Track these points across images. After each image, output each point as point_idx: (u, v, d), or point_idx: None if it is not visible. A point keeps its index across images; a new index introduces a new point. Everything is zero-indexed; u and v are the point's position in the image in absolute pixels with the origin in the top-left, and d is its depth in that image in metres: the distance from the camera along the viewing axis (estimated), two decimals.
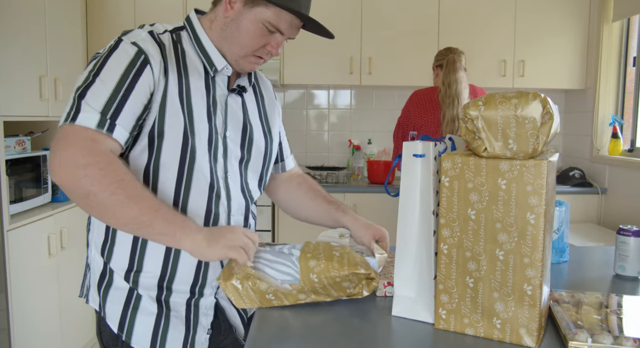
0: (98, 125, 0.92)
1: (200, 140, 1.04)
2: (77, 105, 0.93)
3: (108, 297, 1.07)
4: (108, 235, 1.06)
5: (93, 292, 1.09)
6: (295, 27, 1.08)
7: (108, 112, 0.93)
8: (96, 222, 1.08)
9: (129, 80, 0.96)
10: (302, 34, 1.13)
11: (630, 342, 0.80)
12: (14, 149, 2.35)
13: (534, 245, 0.81)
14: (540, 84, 3.27)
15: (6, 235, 2.07)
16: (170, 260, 1.06)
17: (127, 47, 0.98)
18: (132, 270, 1.05)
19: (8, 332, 2.07)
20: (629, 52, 3.12)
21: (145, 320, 1.06)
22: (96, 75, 0.95)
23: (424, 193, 0.92)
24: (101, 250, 1.07)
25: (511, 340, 0.84)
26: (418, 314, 0.94)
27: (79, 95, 0.94)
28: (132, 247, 1.05)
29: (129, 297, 1.06)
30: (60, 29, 2.57)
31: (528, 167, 0.81)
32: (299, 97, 3.63)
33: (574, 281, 1.21)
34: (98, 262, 1.08)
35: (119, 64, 0.96)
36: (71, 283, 2.60)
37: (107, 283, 1.07)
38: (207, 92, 1.08)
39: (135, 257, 1.05)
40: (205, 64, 1.08)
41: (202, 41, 1.08)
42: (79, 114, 0.92)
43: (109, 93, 0.94)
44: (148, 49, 0.99)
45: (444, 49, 2.68)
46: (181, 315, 1.09)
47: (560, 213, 1.32)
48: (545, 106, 0.80)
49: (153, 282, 1.06)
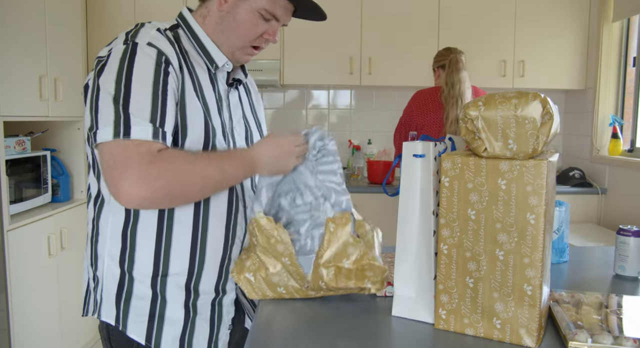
0: (154, 137, 0.91)
1: (217, 135, 1.05)
2: (124, 118, 0.89)
3: (130, 309, 1.04)
4: (126, 243, 1.03)
5: (108, 306, 1.05)
6: (289, 11, 1.10)
7: (156, 121, 0.92)
8: (108, 232, 1.04)
9: (162, 84, 0.95)
10: (302, 34, 1.14)
11: (630, 342, 0.80)
12: (14, 149, 2.35)
13: (534, 245, 0.81)
14: (540, 84, 3.28)
15: (6, 235, 2.07)
16: (196, 256, 1.04)
17: (147, 50, 0.96)
18: (158, 274, 1.03)
19: (8, 332, 2.07)
20: (629, 52, 3.12)
21: (172, 329, 1.05)
22: (129, 86, 0.92)
23: (424, 194, 0.92)
24: (119, 259, 1.03)
25: (511, 341, 0.84)
26: (418, 314, 0.94)
27: (123, 106, 0.90)
28: (156, 250, 1.02)
29: (153, 306, 1.04)
30: (60, 29, 2.57)
31: (528, 167, 0.81)
32: (299, 97, 3.63)
33: (574, 281, 1.21)
34: (114, 273, 1.04)
35: (147, 70, 0.94)
36: (71, 284, 2.60)
37: (126, 295, 1.04)
38: (213, 87, 1.08)
39: (160, 259, 1.03)
40: (206, 62, 1.08)
41: (201, 38, 1.08)
42: (132, 128, 0.89)
43: (150, 102, 0.92)
44: (165, 48, 0.98)
45: (444, 49, 2.68)
46: (206, 316, 1.09)
47: (560, 213, 1.32)
48: (545, 106, 0.80)
49: (181, 284, 1.04)
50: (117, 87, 0.92)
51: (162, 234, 1.02)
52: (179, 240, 1.03)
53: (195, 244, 1.04)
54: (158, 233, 1.02)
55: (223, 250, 1.08)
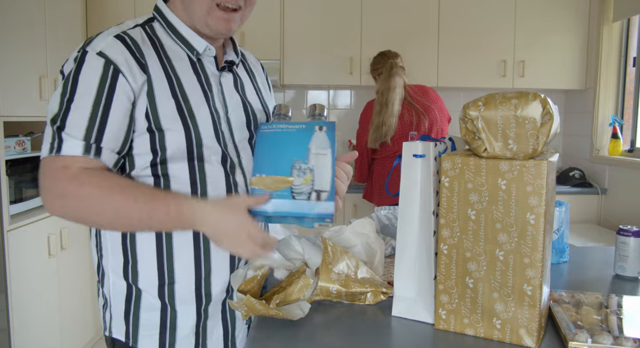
0: (85, 152, 0.91)
1: (204, 125, 1.00)
2: (58, 136, 0.91)
3: (140, 323, 1.01)
4: (127, 255, 1.01)
5: (118, 322, 1.03)
6: None
7: (91, 137, 0.91)
8: (109, 246, 1.02)
9: (104, 99, 0.92)
10: (302, 35, 1.13)
11: (630, 342, 0.80)
12: (14, 149, 2.35)
13: (534, 245, 0.81)
14: (540, 84, 3.28)
15: (6, 235, 2.07)
16: (201, 260, 1.01)
17: (93, 61, 0.93)
18: (165, 283, 1.00)
19: (8, 332, 2.07)
20: (629, 52, 3.12)
21: (184, 337, 1.03)
22: (70, 101, 0.91)
23: (424, 194, 0.92)
24: (123, 273, 1.01)
25: (511, 341, 0.84)
26: (418, 314, 0.94)
27: (58, 127, 0.91)
28: (158, 258, 1.00)
29: (164, 317, 1.02)
30: (60, 29, 2.57)
31: (528, 168, 0.81)
32: (299, 97, 3.63)
33: (574, 281, 1.20)
34: (121, 287, 1.02)
35: (90, 83, 0.92)
36: (71, 284, 2.60)
37: (134, 308, 1.01)
38: (198, 76, 1.03)
39: (164, 267, 1.00)
40: (185, 50, 1.04)
41: (175, 25, 1.04)
42: (62, 144, 0.90)
43: (87, 118, 0.91)
44: (116, 57, 0.93)
45: (378, 55, 2.69)
46: (218, 317, 1.06)
47: (560, 213, 1.32)
48: (545, 106, 0.80)
49: (190, 289, 1.01)
50: (61, 103, 0.92)
51: (162, 242, 1.00)
52: (181, 246, 1.01)
53: (198, 247, 1.01)
54: (158, 241, 1.00)
55: None
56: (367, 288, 0.99)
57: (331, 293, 0.98)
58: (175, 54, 1.02)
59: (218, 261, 1.03)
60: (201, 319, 1.04)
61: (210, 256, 1.02)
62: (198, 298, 1.02)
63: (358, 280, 1.00)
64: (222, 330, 1.07)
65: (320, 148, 0.97)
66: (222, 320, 1.07)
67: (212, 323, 1.06)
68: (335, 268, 0.98)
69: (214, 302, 1.04)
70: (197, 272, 1.01)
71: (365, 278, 1.02)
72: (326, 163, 0.97)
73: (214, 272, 1.03)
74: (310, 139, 0.97)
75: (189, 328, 1.03)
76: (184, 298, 1.02)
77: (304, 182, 0.96)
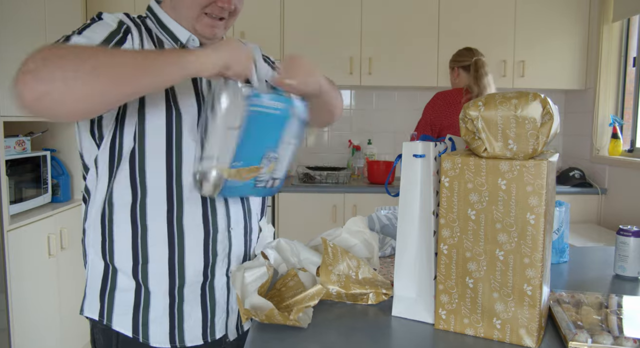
0: None
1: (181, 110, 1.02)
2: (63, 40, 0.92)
3: (115, 302, 1.04)
4: (105, 234, 1.04)
5: (91, 300, 1.06)
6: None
7: None
8: (91, 224, 1.05)
9: (113, 44, 0.96)
10: (302, 35, 1.13)
11: (630, 342, 0.80)
12: (14, 149, 2.35)
13: (534, 245, 0.81)
14: (541, 84, 3.28)
15: (6, 235, 2.07)
16: (175, 241, 1.03)
17: (109, 19, 0.99)
18: (139, 263, 1.03)
19: (8, 332, 2.07)
20: (629, 52, 3.12)
21: (159, 319, 1.05)
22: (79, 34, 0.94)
23: (424, 194, 0.92)
24: (101, 251, 1.05)
25: (511, 341, 0.84)
26: (418, 314, 0.94)
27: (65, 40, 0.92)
28: (133, 237, 1.02)
29: (137, 297, 1.04)
30: (60, 28, 2.57)
31: (528, 168, 0.81)
32: None
33: (574, 281, 1.21)
34: (98, 265, 1.05)
35: (103, 30, 0.96)
36: (71, 284, 2.60)
37: (110, 288, 1.04)
38: None
39: (138, 247, 1.02)
40: (170, 41, 1.08)
41: (162, 19, 1.09)
42: None
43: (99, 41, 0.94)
44: (129, 23, 1.02)
45: (465, 49, 2.62)
46: (197, 301, 1.07)
47: (560, 213, 1.32)
48: (545, 106, 0.80)
49: (164, 269, 1.03)
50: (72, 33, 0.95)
51: (137, 221, 1.02)
52: (155, 226, 1.02)
53: (171, 228, 1.03)
54: (132, 221, 1.02)
55: (204, 232, 1.06)
56: (367, 290, 0.99)
57: (331, 295, 0.98)
58: (162, 44, 1.08)
59: (191, 242, 1.05)
60: (175, 301, 1.05)
61: (184, 237, 1.04)
62: (171, 278, 1.04)
63: (359, 280, 1.00)
64: (200, 315, 1.08)
65: (290, 137, 1.02)
66: (202, 305, 1.08)
67: (189, 308, 1.07)
68: (335, 269, 0.98)
69: (188, 284, 1.06)
70: (170, 252, 1.04)
71: (367, 278, 1.02)
72: (289, 152, 1.03)
73: (187, 253, 1.05)
74: (284, 127, 1.00)
75: (161, 309, 1.05)
76: (157, 279, 1.04)
77: (267, 171, 1.02)
